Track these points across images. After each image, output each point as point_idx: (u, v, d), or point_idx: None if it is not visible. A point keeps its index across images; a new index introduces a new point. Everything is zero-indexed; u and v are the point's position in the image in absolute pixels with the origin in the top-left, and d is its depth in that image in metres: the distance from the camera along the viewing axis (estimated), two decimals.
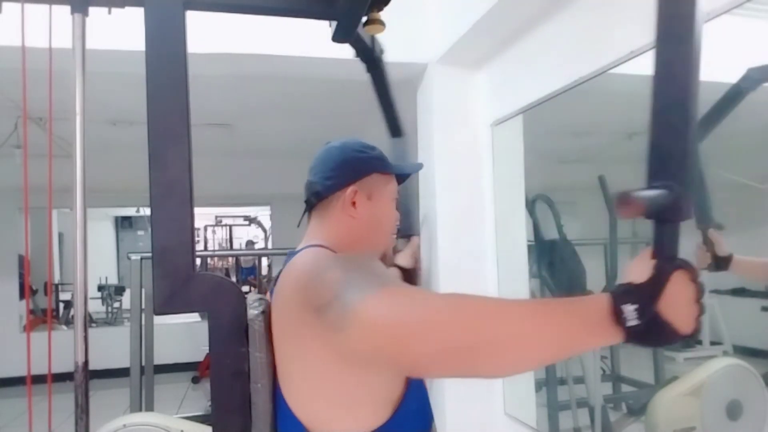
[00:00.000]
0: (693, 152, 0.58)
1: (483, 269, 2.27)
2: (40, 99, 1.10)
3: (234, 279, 8.18)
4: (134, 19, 0.98)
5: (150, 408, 3.12)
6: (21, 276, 5.81)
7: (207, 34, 1.89)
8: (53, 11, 1.08)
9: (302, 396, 0.86)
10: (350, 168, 1.00)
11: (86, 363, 1.03)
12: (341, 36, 1.23)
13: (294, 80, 2.66)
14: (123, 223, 10.28)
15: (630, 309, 0.58)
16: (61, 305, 7.05)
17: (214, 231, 9.78)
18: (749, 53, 1.25)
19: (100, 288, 8.10)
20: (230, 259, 9.89)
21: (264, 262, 7.31)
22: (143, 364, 3.05)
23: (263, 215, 7.94)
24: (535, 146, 2.16)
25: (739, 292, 1.64)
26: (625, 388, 2.60)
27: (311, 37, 1.98)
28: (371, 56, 1.38)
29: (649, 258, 0.60)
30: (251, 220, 8.05)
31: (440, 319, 0.64)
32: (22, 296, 5.92)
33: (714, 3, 1.15)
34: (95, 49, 1.16)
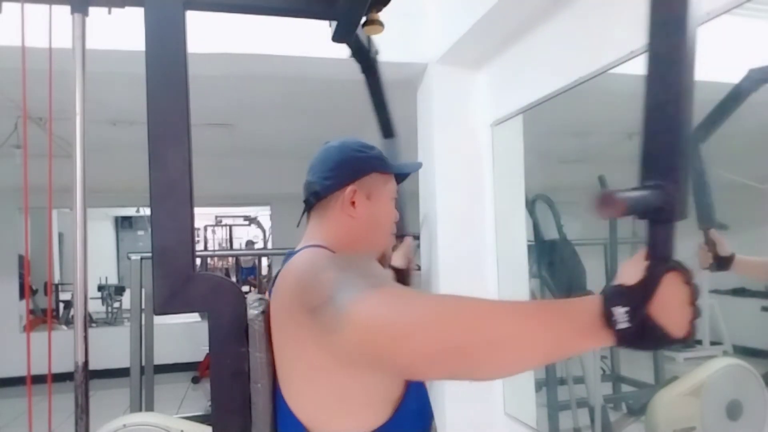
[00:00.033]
0: (687, 151, 0.57)
1: (483, 269, 2.27)
2: (40, 99, 1.10)
3: (234, 279, 8.18)
4: (134, 19, 0.98)
5: (150, 408, 3.12)
6: (21, 276, 5.81)
7: (207, 34, 1.89)
8: (53, 11, 1.08)
9: (302, 396, 0.86)
10: (349, 168, 1.00)
11: (86, 363, 1.03)
12: (341, 36, 1.23)
13: (294, 80, 2.66)
14: (123, 223, 10.28)
15: (620, 311, 0.56)
16: (61, 305, 7.05)
17: (214, 231, 9.78)
18: (749, 53, 1.24)
19: (100, 288, 8.10)
20: (230, 259, 9.89)
21: (264, 262, 7.31)
22: (143, 364, 3.05)
23: (263, 215, 7.94)
24: (535, 146, 2.16)
25: (739, 292, 1.64)
26: (625, 388, 2.60)
27: (311, 37, 1.98)
28: (367, 57, 1.38)
29: (644, 259, 0.59)
30: (251, 220, 8.05)
31: (432, 321, 0.63)
32: (22, 296, 5.92)
33: (714, 3, 1.15)
34: (95, 49, 1.16)
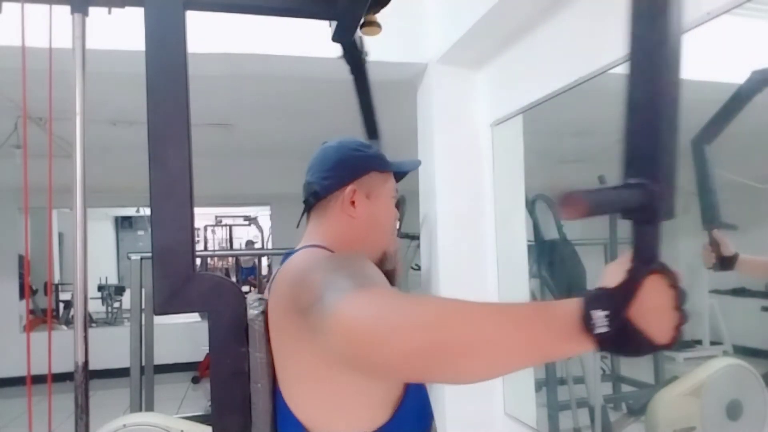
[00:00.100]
0: (673, 150, 0.53)
1: (483, 269, 2.27)
2: (40, 99, 1.10)
3: (234, 279, 8.18)
4: (134, 19, 0.97)
5: (150, 408, 3.12)
6: (21, 276, 5.81)
7: (207, 34, 1.89)
8: (53, 11, 1.08)
9: (301, 397, 0.86)
10: (348, 167, 0.99)
11: (86, 363, 1.03)
12: (341, 36, 1.22)
13: (294, 80, 2.66)
14: (123, 223, 10.28)
15: (599, 315, 0.53)
16: (61, 305, 7.05)
17: (214, 231, 9.78)
18: (750, 53, 1.25)
19: (100, 288, 8.11)
20: (230, 259, 9.89)
21: (264, 262, 7.31)
22: (143, 364, 3.05)
23: (263, 215, 7.94)
24: (535, 146, 2.16)
25: (739, 292, 1.64)
26: (625, 388, 2.61)
27: (311, 37, 1.98)
28: (358, 58, 1.37)
29: (628, 261, 0.55)
30: (251, 220, 8.05)
31: (410, 322, 0.61)
32: (22, 296, 5.92)
33: (714, 3, 1.15)
34: (95, 49, 1.16)
